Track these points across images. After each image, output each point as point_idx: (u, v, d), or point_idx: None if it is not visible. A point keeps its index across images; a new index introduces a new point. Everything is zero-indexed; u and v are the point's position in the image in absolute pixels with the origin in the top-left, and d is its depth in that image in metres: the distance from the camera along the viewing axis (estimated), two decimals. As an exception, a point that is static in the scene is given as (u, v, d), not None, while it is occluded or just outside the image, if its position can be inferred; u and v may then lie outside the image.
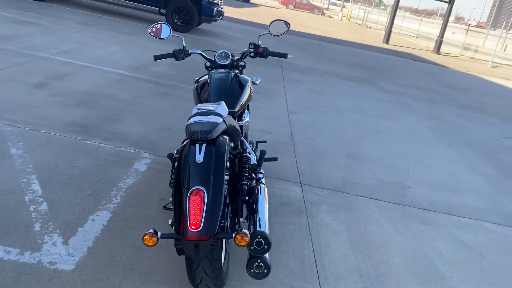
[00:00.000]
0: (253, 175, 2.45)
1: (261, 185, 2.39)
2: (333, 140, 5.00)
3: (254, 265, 1.91)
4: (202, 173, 1.88)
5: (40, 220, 2.51)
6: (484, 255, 3.18)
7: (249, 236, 1.79)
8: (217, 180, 1.88)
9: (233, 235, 1.79)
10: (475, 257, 3.13)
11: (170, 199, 2.20)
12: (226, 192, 1.98)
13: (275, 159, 2.99)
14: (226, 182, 1.95)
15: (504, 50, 29.52)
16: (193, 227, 1.76)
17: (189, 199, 1.81)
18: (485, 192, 4.39)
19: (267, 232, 1.92)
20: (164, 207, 2.86)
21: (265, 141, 3.30)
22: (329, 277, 2.56)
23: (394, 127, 6.11)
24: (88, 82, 5.17)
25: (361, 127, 5.74)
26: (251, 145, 3.10)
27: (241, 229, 1.80)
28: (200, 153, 1.93)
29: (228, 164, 2.09)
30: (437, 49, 19.62)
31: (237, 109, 2.70)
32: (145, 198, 2.96)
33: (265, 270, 1.92)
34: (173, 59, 3.02)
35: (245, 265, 1.95)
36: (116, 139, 3.77)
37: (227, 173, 2.04)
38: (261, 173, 2.58)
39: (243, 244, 1.79)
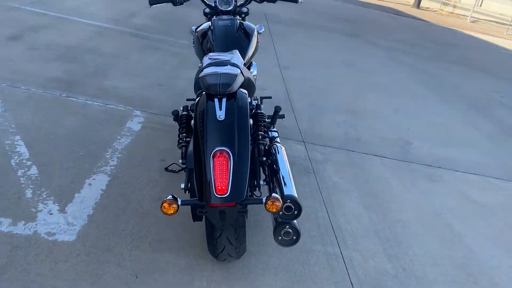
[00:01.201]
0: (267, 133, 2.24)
1: (277, 144, 2.19)
2: (329, 96, 4.80)
3: (282, 232, 1.73)
4: (225, 132, 1.66)
5: (31, 186, 2.26)
6: (493, 211, 3.10)
7: (281, 201, 1.60)
8: (242, 140, 1.66)
9: (264, 200, 1.59)
10: (485, 213, 3.05)
11: (180, 161, 1.98)
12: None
13: (282, 116, 2.77)
14: (250, 142, 1.74)
15: (480, 6, 29.46)
16: (219, 192, 1.56)
17: (213, 162, 1.59)
18: (484, 147, 4.31)
19: (296, 195, 1.74)
20: (166, 169, 2.65)
21: (270, 97, 3.07)
22: (347, 239, 2.42)
23: (387, 82, 5.94)
24: (67, 34, 4.77)
25: (354, 83, 5.55)
26: (256, 101, 2.88)
27: (272, 194, 1.60)
28: (220, 109, 1.70)
29: (251, 122, 1.87)
30: (418, 4, 19.33)
31: (245, 60, 2.45)
32: (143, 159, 2.73)
33: (294, 237, 1.74)
34: (171, 4, 2.70)
35: (260, 228, 1.77)
36: (103, 96, 3.48)
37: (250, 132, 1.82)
38: (275, 131, 2.38)
39: (274, 210, 1.60)
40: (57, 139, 2.74)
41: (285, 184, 1.82)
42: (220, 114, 1.68)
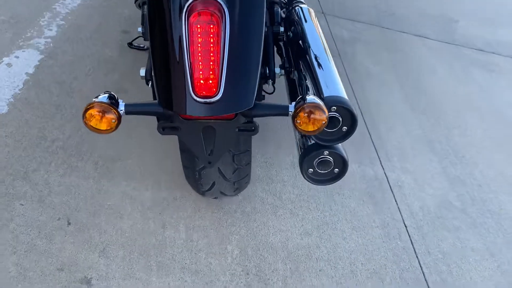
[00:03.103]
0: None
1: (302, 6, 1.34)
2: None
3: (316, 161, 0.97)
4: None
5: None
6: None
7: (326, 111, 0.81)
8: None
9: (292, 110, 0.81)
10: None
11: (140, 29, 1.16)
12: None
13: None
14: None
15: None
16: (201, 92, 0.76)
17: (187, 26, 0.76)
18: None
19: (345, 96, 0.94)
20: (130, 45, 1.82)
21: None
22: (391, 154, 1.69)
23: None
24: None
25: None
26: None
27: (307, 98, 0.81)
28: None
29: None
30: None
31: None
32: (97, 29, 1.87)
33: (336, 169, 0.99)
34: None
35: (271, 135, 1.02)
36: None
37: None
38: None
39: (310, 128, 0.82)
40: (-32, -4, 1.85)
41: (322, 76, 1.02)
42: None
